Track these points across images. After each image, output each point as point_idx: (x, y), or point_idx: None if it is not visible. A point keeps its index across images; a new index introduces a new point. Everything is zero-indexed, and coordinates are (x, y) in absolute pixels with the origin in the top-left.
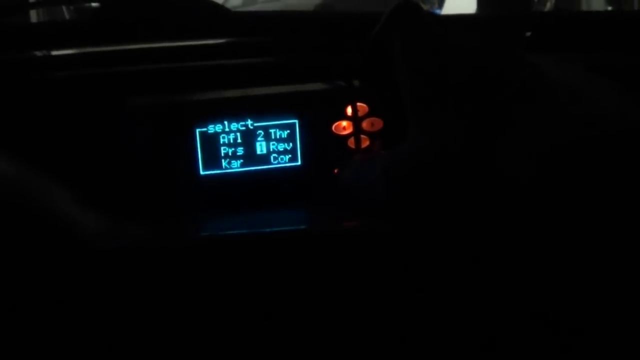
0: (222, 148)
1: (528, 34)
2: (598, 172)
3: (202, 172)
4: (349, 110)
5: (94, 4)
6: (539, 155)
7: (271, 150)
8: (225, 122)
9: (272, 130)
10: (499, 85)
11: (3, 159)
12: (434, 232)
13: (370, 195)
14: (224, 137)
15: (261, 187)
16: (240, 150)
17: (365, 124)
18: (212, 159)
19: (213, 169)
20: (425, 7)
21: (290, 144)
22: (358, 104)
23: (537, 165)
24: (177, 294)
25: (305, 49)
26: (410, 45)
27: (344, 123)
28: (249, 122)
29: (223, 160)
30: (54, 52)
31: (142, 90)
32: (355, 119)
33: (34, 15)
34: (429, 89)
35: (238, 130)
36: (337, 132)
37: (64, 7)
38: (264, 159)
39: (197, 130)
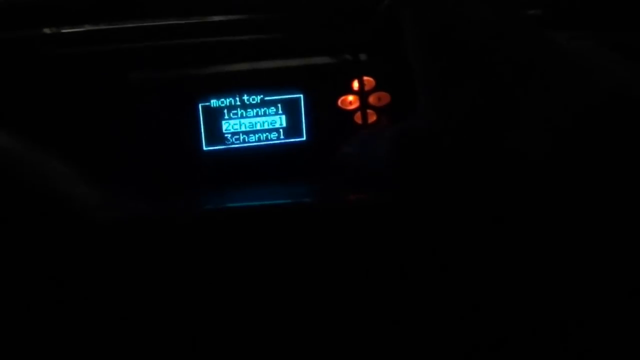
0: (225, 123)
1: (539, 11)
2: (612, 141)
3: (205, 148)
4: (356, 85)
5: None
6: (554, 127)
7: (275, 125)
8: (229, 97)
9: (276, 105)
10: (511, 59)
11: (3, 132)
12: (441, 206)
13: (378, 169)
14: (227, 112)
15: (265, 163)
16: (243, 125)
17: (372, 99)
18: (215, 134)
19: (216, 145)
20: None
21: (296, 119)
22: (365, 78)
23: (552, 137)
24: (176, 267)
25: (311, 24)
26: (421, 18)
27: (350, 97)
28: (253, 96)
29: (226, 136)
30: (58, 30)
31: (146, 65)
32: (361, 94)
33: None
34: (440, 63)
35: (241, 104)
36: (343, 107)
37: None
38: (268, 134)
39: (200, 105)
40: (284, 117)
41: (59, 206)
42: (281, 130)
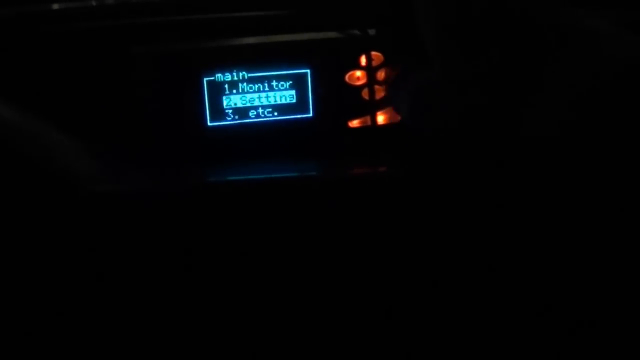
0: (230, 98)
1: None
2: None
3: (209, 124)
4: (363, 60)
5: None
6: (577, 100)
7: (282, 100)
8: (234, 71)
9: (283, 80)
10: (530, 29)
11: (4, 104)
12: (454, 172)
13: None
14: (232, 87)
15: (271, 139)
16: (249, 101)
17: (380, 74)
18: (220, 109)
19: (221, 120)
20: None
21: (302, 95)
22: (372, 53)
23: (575, 110)
24: (177, 239)
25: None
26: None
27: (358, 73)
28: (259, 71)
29: (231, 111)
30: (65, 5)
31: (150, 39)
32: (369, 69)
33: None
34: (455, 35)
35: (247, 79)
36: (351, 82)
37: None
38: (274, 110)
39: (205, 80)
40: (290, 92)
41: (58, 178)
42: (287, 105)
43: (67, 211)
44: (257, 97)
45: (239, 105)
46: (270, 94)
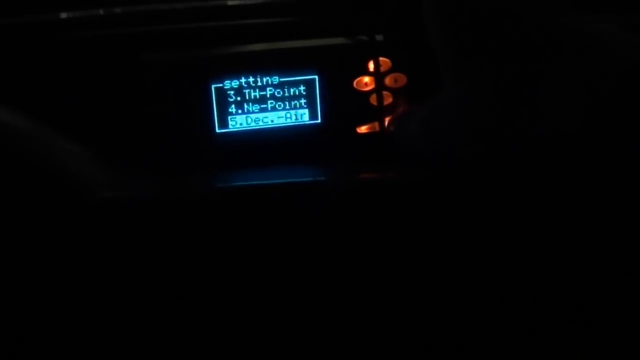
0: (238, 105)
1: None
2: None
3: (217, 130)
4: (371, 66)
5: None
6: (591, 100)
7: (290, 107)
8: (242, 78)
9: (291, 87)
10: (538, 33)
11: (11, 112)
12: (472, 184)
13: (412, 148)
14: (240, 94)
15: (279, 146)
16: (257, 107)
17: (388, 80)
18: (228, 116)
19: (229, 127)
20: None
21: (310, 101)
22: (380, 58)
23: (589, 110)
24: (185, 245)
25: (327, 4)
26: None
27: (366, 79)
28: (267, 78)
29: (239, 118)
30: (73, 14)
31: (159, 47)
32: (377, 75)
33: None
34: (465, 38)
35: (255, 86)
36: (359, 88)
37: None
38: (283, 116)
39: (213, 87)
40: (298, 98)
41: (67, 184)
42: (295, 112)
43: (76, 218)
44: (265, 104)
45: (247, 112)
46: (278, 100)
